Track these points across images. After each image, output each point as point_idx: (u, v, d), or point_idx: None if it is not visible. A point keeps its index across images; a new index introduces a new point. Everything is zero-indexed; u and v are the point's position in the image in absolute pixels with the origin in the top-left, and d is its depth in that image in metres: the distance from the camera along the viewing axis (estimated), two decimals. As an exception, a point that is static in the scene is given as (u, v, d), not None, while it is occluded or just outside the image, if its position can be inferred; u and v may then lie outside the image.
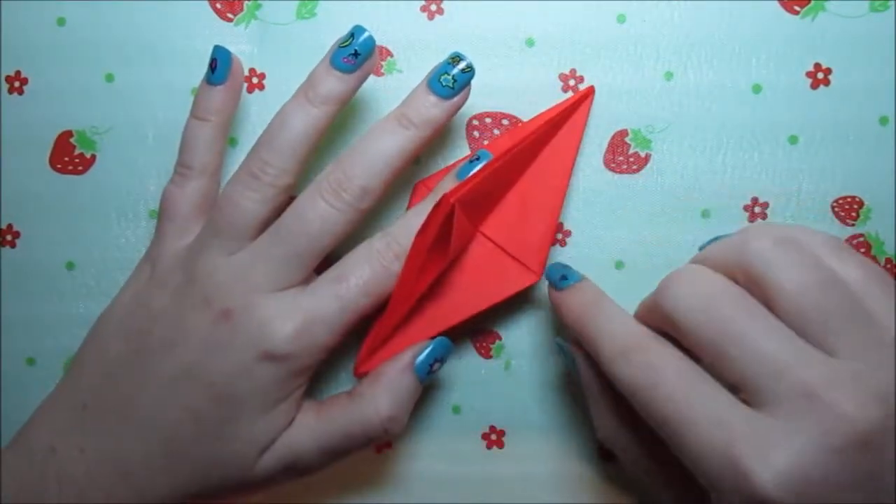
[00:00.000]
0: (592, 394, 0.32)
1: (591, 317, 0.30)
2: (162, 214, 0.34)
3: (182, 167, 0.34)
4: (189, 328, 0.31)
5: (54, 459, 0.31)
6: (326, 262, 0.32)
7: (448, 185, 0.33)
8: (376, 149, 0.32)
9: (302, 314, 0.30)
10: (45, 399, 0.33)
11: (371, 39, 0.32)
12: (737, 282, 0.27)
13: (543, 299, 0.36)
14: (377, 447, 0.37)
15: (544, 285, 0.34)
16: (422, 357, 0.32)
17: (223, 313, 0.31)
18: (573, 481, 0.36)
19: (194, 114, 0.34)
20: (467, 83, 0.32)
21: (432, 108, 0.32)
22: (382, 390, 0.32)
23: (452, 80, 0.32)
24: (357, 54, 0.32)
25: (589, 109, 0.35)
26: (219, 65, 0.34)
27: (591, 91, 0.35)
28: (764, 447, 0.23)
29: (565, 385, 0.36)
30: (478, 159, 0.33)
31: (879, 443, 0.23)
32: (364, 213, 0.32)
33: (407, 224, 0.32)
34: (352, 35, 0.32)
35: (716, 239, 0.30)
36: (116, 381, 0.32)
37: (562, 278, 0.32)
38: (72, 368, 0.33)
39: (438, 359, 0.33)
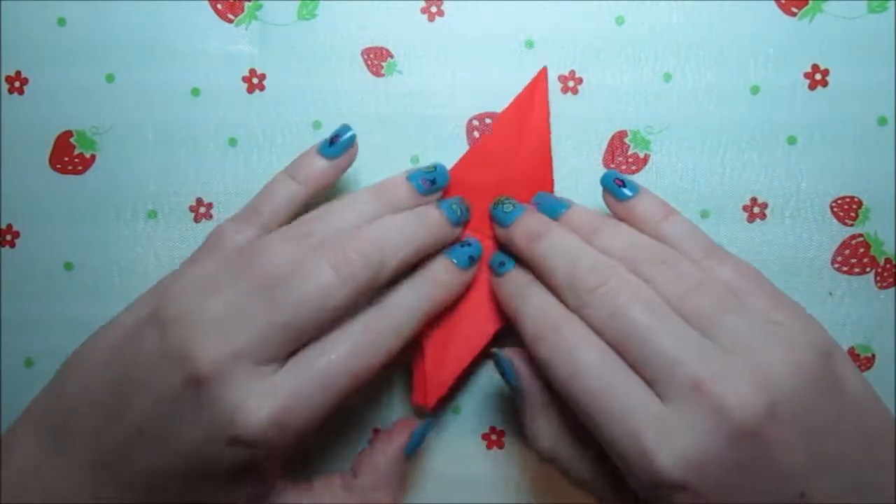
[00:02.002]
0: (532, 400, 0.31)
1: (519, 300, 0.31)
2: (204, 246, 0.32)
3: (252, 211, 0.32)
4: (160, 383, 0.28)
5: (37, 478, 0.30)
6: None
7: (439, 267, 0.32)
8: (402, 236, 0.31)
9: (280, 399, 0.28)
10: (29, 404, 0.32)
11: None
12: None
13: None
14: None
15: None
16: (413, 444, 0.33)
17: (193, 379, 0.27)
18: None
19: (290, 172, 0.33)
20: (466, 223, 0.34)
21: (440, 223, 0.33)
22: (384, 483, 0.32)
23: (460, 211, 0.33)
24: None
25: (547, 91, 0.35)
26: (339, 142, 0.33)
27: (543, 73, 0.35)
28: (665, 435, 0.25)
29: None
30: (469, 245, 0.33)
31: (764, 431, 0.25)
32: (372, 291, 0.30)
33: (402, 296, 0.31)
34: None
35: None
36: (97, 414, 0.29)
37: (500, 264, 0.33)
38: (59, 378, 0.32)
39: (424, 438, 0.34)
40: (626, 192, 0.32)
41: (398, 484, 0.32)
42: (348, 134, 0.33)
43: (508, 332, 0.33)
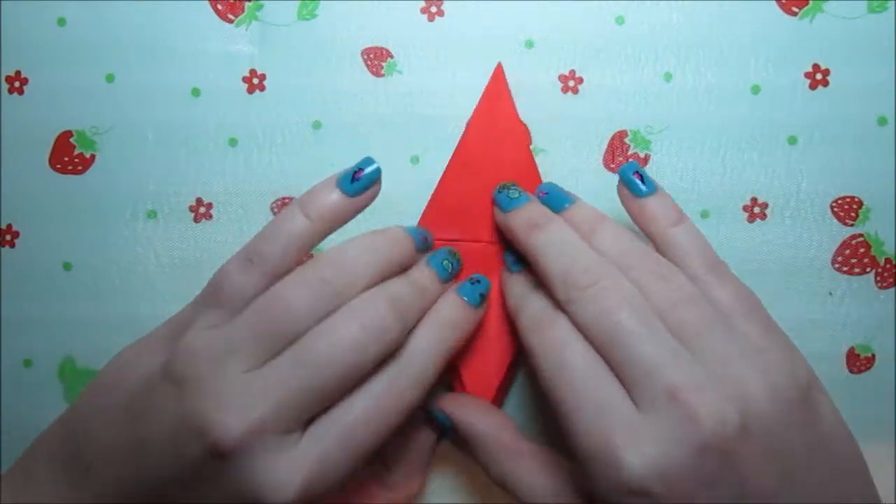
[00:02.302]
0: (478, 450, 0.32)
1: (521, 298, 0.31)
2: (210, 292, 0.30)
3: (255, 253, 0.29)
4: (182, 451, 0.27)
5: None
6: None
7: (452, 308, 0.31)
8: (423, 288, 0.30)
9: (306, 471, 0.26)
10: (46, 434, 0.31)
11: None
12: None
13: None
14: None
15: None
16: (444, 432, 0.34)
17: (217, 452, 0.26)
18: (573, 483, 0.36)
19: (302, 206, 0.29)
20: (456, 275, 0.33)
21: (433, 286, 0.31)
22: (416, 471, 0.33)
23: (451, 266, 0.32)
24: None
25: (506, 86, 0.36)
26: (362, 177, 0.30)
27: (499, 70, 0.36)
28: (636, 439, 0.25)
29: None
30: (478, 282, 0.32)
31: (735, 447, 0.25)
32: (398, 345, 0.29)
33: (419, 345, 0.29)
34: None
35: None
36: (120, 460, 0.28)
37: (514, 262, 0.33)
38: (78, 413, 0.30)
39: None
40: (643, 187, 0.31)
41: (427, 469, 0.33)
42: (372, 168, 0.30)
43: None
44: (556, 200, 0.33)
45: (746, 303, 0.29)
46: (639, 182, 0.32)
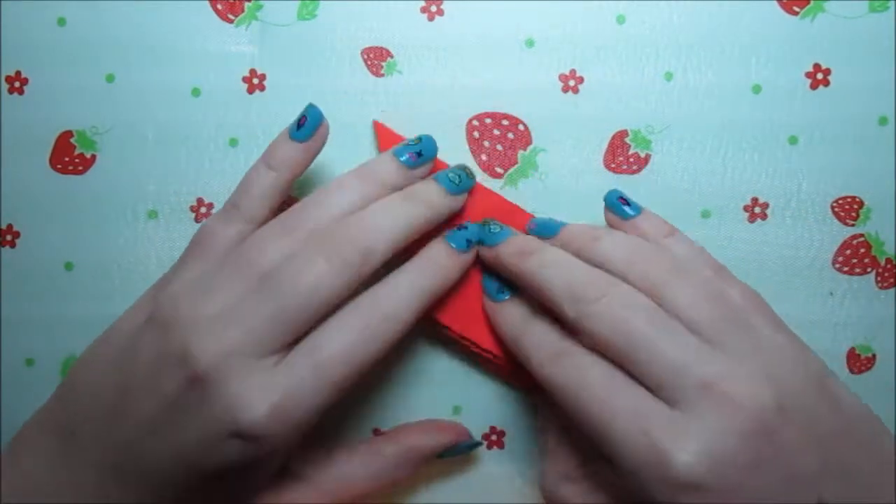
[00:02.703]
0: (546, 440, 0.32)
1: (521, 330, 0.31)
2: (194, 247, 0.32)
3: (232, 206, 0.32)
4: (162, 385, 0.28)
5: (46, 480, 0.30)
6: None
7: (438, 252, 0.32)
8: (392, 218, 0.31)
9: (277, 392, 0.27)
10: (40, 408, 0.32)
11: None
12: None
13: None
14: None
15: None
16: (453, 453, 0.34)
17: (194, 378, 0.28)
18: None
19: (264, 159, 0.32)
20: (469, 188, 0.34)
21: (437, 196, 0.32)
22: (405, 465, 0.33)
23: (459, 179, 0.33)
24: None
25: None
26: (307, 123, 0.33)
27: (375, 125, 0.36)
28: (678, 435, 0.25)
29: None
30: (466, 228, 0.33)
31: (776, 426, 0.25)
32: (366, 277, 0.30)
33: (399, 281, 0.30)
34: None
35: None
36: (101, 416, 0.30)
37: (498, 291, 0.33)
38: (67, 382, 0.32)
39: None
40: (630, 211, 0.32)
41: (413, 472, 0.33)
42: (314, 112, 0.33)
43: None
44: (546, 229, 0.33)
45: (756, 302, 0.30)
46: (625, 206, 0.32)
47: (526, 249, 0.31)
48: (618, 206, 0.33)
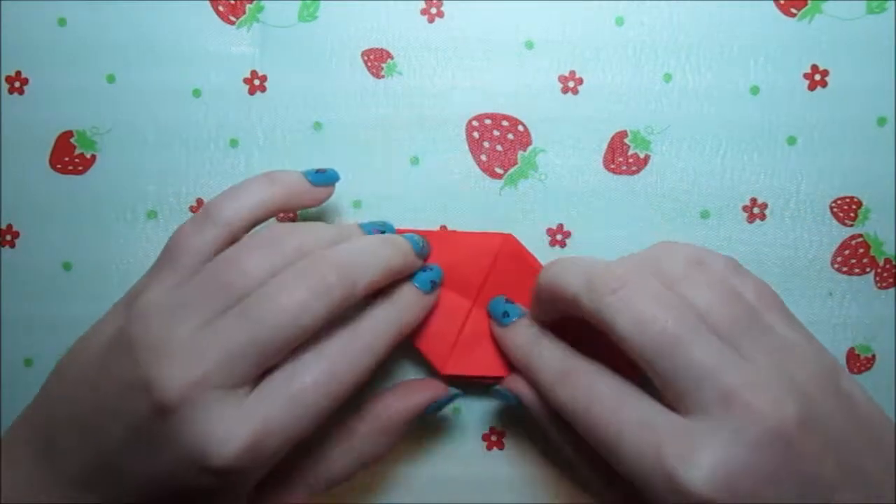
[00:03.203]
0: (545, 423, 0.32)
1: (529, 351, 0.31)
2: (167, 253, 0.31)
3: (215, 210, 0.31)
4: (131, 410, 0.27)
5: (28, 493, 0.30)
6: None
7: (406, 292, 0.33)
8: (374, 256, 0.30)
9: (252, 426, 0.26)
10: (22, 413, 0.32)
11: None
12: None
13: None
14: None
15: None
16: (437, 406, 0.33)
17: (161, 408, 0.26)
18: (573, 483, 0.36)
19: (268, 175, 0.32)
20: (426, 254, 0.34)
21: (410, 252, 0.33)
22: (384, 437, 0.32)
23: (422, 243, 0.33)
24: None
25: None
26: (327, 173, 0.34)
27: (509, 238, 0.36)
28: (690, 448, 0.24)
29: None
30: (431, 270, 0.33)
31: (796, 436, 0.25)
32: (345, 308, 0.29)
33: (376, 317, 0.30)
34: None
35: None
36: (76, 431, 0.29)
37: (504, 315, 0.33)
38: (46, 389, 0.31)
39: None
40: None
41: (395, 440, 0.33)
42: (334, 172, 0.34)
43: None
44: None
45: (768, 297, 0.29)
46: None
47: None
48: None
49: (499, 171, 0.36)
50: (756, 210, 0.36)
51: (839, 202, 0.36)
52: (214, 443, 0.26)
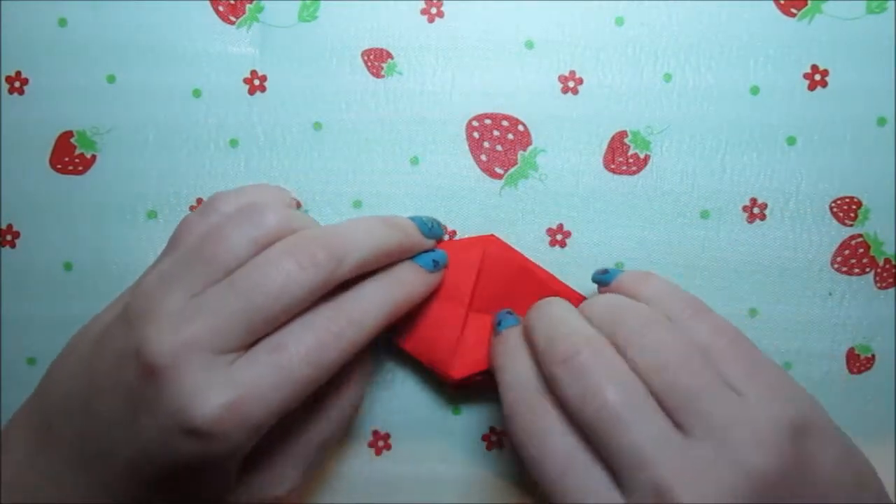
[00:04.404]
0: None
1: (502, 362, 0.31)
2: (171, 241, 0.31)
3: (220, 202, 0.32)
4: (123, 378, 0.28)
5: (29, 477, 0.30)
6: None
7: (404, 269, 0.32)
8: (367, 233, 0.30)
9: (234, 389, 0.27)
10: (24, 402, 0.32)
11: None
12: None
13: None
14: (377, 449, 0.36)
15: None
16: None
17: (149, 371, 0.27)
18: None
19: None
20: (438, 237, 0.34)
21: (414, 230, 0.33)
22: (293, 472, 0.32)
23: (431, 224, 0.34)
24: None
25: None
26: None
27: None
28: None
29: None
30: (433, 251, 0.33)
31: None
32: (334, 283, 0.29)
33: (366, 291, 0.30)
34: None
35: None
36: (74, 410, 0.30)
37: (498, 322, 0.33)
38: (47, 376, 0.32)
39: None
40: (606, 277, 0.33)
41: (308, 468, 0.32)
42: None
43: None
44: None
45: (729, 339, 0.29)
46: (602, 275, 0.33)
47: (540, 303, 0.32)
48: (599, 277, 0.33)
49: (499, 171, 0.36)
50: (756, 210, 0.36)
51: (839, 202, 0.36)
52: (197, 404, 0.26)
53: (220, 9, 0.37)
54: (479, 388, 0.36)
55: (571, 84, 0.36)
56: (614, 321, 0.29)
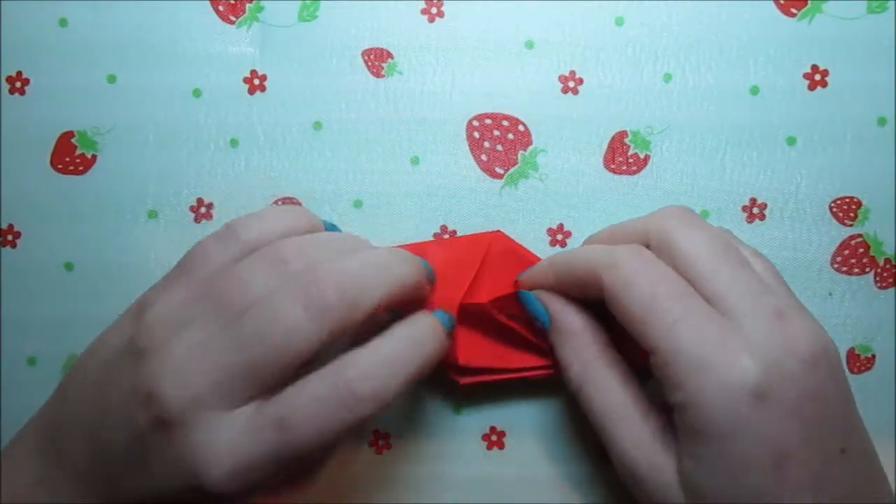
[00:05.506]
0: (560, 326, 0.32)
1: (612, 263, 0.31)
2: (185, 264, 0.30)
3: (240, 230, 0.30)
4: (132, 419, 0.27)
5: (37, 493, 0.30)
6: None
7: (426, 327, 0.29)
8: (385, 268, 0.28)
9: (240, 455, 0.26)
10: (35, 415, 0.32)
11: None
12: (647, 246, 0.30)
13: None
14: (378, 448, 0.36)
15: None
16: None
17: (159, 421, 0.26)
18: (573, 483, 0.36)
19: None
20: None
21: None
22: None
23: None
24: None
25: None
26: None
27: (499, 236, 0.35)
28: (745, 343, 0.26)
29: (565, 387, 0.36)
30: (446, 313, 0.31)
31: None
32: (348, 333, 0.27)
33: (377, 361, 0.27)
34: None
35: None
36: (83, 435, 0.29)
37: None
38: (59, 391, 0.32)
39: None
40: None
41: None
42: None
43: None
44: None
45: (773, 271, 0.30)
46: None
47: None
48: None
49: (499, 170, 0.36)
50: (756, 210, 0.36)
51: (839, 202, 0.36)
52: (205, 464, 0.26)
53: (220, 9, 0.37)
54: (480, 388, 0.36)
55: (571, 84, 0.36)
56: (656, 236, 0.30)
